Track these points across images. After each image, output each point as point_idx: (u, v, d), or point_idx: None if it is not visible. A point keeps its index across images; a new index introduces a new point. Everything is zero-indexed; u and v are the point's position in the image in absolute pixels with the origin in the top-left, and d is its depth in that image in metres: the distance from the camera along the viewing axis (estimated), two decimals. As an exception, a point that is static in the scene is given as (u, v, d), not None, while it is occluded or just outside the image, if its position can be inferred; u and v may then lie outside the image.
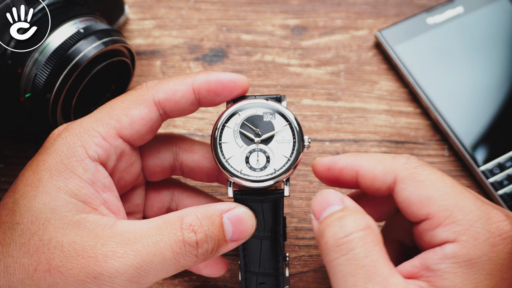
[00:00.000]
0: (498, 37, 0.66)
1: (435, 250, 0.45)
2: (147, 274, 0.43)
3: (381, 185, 0.48)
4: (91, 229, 0.44)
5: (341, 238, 0.43)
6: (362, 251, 0.42)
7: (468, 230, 0.44)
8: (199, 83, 0.49)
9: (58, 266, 0.43)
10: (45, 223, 0.44)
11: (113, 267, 0.43)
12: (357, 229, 0.43)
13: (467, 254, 0.44)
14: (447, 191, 0.46)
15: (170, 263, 0.44)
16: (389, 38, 0.66)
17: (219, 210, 0.46)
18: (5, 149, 0.62)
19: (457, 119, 0.63)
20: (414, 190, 0.46)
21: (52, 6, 0.55)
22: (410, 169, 0.47)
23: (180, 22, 0.69)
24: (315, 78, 0.66)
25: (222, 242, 0.45)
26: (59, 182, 0.45)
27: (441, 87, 0.64)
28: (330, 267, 0.43)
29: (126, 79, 0.60)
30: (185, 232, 0.44)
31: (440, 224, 0.45)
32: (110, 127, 0.47)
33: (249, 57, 0.67)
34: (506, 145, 0.62)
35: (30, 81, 0.54)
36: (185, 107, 0.49)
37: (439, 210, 0.45)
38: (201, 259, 0.45)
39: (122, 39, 0.57)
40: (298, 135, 0.48)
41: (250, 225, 0.47)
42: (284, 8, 0.69)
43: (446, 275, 0.43)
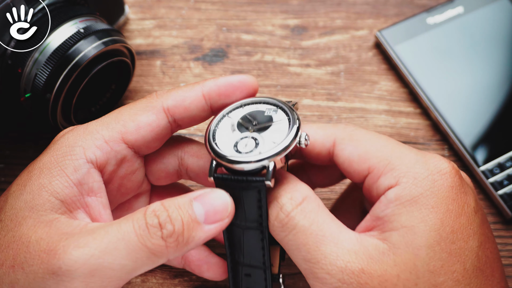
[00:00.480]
0: (498, 37, 0.66)
1: (380, 200, 0.46)
2: (112, 265, 0.41)
3: (321, 149, 0.49)
4: (61, 228, 0.43)
5: (284, 219, 0.45)
6: (306, 221, 0.44)
7: (407, 172, 0.45)
8: (209, 88, 0.49)
9: (21, 263, 0.42)
10: (21, 221, 0.44)
11: (72, 258, 0.41)
12: (295, 204, 0.45)
13: (409, 193, 0.44)
14: (383, 144, 0.47)
15: (136, 248, 0.41)
16: (389, 38, 0.66)
17: (189, 195, 0.44)
18: (5, 149, 0.62)
19: (457, 119, 0.63)
20: (352, 148, 0.47)
21: (52, 6, 0.55)
22: (347, 131, 0.48)
23: (180, 22, 0.69)
24: (315, 78, 0.66)
25: (192, 224, 0.43)
26: (44, 180, 0.45)
27: (441, 87, 0.64)
28: (283, 244, 0.45)
29: (126, 79, 0.60)
30: (148, 216, 0.43)
31: (381, 174, 0.46)
32: (115, 131, 0.47)
33: (249, 57, 0.67)
34: (506, 145, 0.62)
35: (30, 81, 0.54)
36: (195, 113, 0.49)
37: (378, 161, 0.46)
38: (172, 244, 0.43)
39: (122, 39, 0.57)
40: (294, 126, 0.46)
41: (225, 205, 0.45)
42: (284, 8, 0.69)
43: (393, 217, 0.44)
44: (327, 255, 0.43)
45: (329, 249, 0.43)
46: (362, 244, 0.44)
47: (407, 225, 0.44)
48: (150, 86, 0.66)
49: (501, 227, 0.60)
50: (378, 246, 0.44)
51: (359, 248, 0.43)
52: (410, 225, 0.44)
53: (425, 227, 0.44)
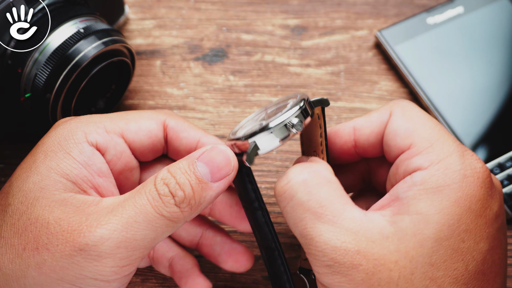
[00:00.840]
0: (498, 37, 0.66)
1: (405, 180, 0.45)
2: (135, 236, 0.43)
3: (380, 127, 0.48)
4: (77, 206, 0.44)
5: (283, 186, 0.45)
6: (304, 194, 0.44)
7: (442, 160, 0.44)
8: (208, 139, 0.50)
9: (45, 244, 0.43)
10: (33, 202, 0.44)
11: (98, 235, 0.42)
12: (298, 174, 0.45)
13: (436, 181, 0.44)
14: (432, 126, 0.46)
15: (154, 218, 0.43)
16: (389, 38, 0.66)
17: (191, 157, 0.45)
18: (5, 149, 0.62)
19: (457, 119, 0.63)
20: (402, 122, 0.47)
21: (52, 6, 0.55)
22: (402, 105, 0.48)
23: (180, 22, 0.69)
24: (315, 78, 0.66)
25: (200, 185, 0.44)
26: (52, 163, 0.45)
27: (441, 87, 0.64)
28: (284, 216, 0.45)
29: (126, 79, 0.60)
30: (158, 186, 0.44)
31: (419, 153, 0.45)
32: (116, 125, 0.48)
33: (249, 57, 0.67)
34: (506, 145, 0.62)
35: (30, 81, 0.54)
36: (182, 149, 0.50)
37: (421, 141, 0.45)
38: (186, 208, 0.44)
39: (122, 39, 0.57)
40: (289, 113, 0.46)
41: (227, 160, 0.45)
42: (284, 8, 0.69)
43: (411, 201, 0.43)
44: (322, 232, 0.43)
45: (326, 227, 0.43)
46: (365, 225, 0.43)
47: (422, 212, 0.43)
48: (150, 86, 0.66)
49: (501, 227, 0.60)
50: (383, 229, 0.43)
51: (360, 229, 0.43)
52: (425, 213, 0.43)
53: (439, 219, 0.43)
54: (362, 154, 0.51)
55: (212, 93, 0.65)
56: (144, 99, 0.65)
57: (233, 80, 0.66)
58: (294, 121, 0.46)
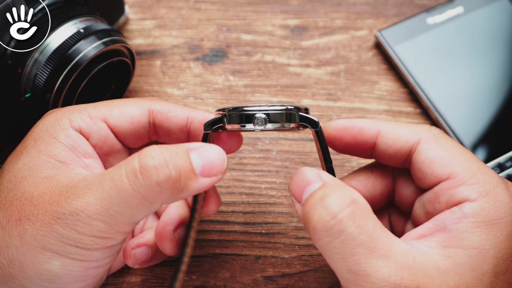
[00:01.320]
0: (498, 37, 0.66)
1: (452, 210, 0.44)
2: (109, 211, 0.42)
3: (403, 145, 0.48)
4: (61, 181, 0.45)
5: (329, 221, 0.41)
6: (354, 228, 0.41)
7: (490, 192, 0.44)
8: (195, 117, 0.50)
9: (27, 215, 0.44)
10: (21, 180, 0.45)
11: (73, 206, 0.42)
12: (343, 207, 0.42)
13: (488, 215, 0.43)
14: (469, 156, 0.46)
15: (129, 195, 0.42)
16: (389, 38, 0.66)
17: (186, 146, 0.44)
18: (5, 149, 0.62)
19: (457, 119, 0.63)
20: (438, 150, 0.46)
21: (52, 6, 0.55)
22: (434, 133, 0.48)
23: (180, 22, 0.69)
24: (315, 78, 0.66)
25: (189, 174, 0.43)
26: (41, 146, 0.47)
27: (441, 87, 0.64)
28: (324, 251, 0.42)
29: (126, 79, 0.60)
30: (142, 158, 0.42)
31: (463, 183, 0.45)
32: (100, 111, 0.50)
33: (249, 57, 0.67)
34: (506, 145, 0.62)
35: (30, 81, 0.54)
36: (172, 128, 0.51)
37: (463, 170, 0.45)
38: (167, 190, 0.42)
39: (122, 39, 0.57)
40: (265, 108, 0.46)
41: (221, 161, 0.45)
42: (284, 8, 0.69)
43: (464, 234, 0.42)
44: (379, 268, 0.41)
45: (381, 262, 0.41)
46: (418, 259, 0.42)
47: (478, 247, 0.42)
48: (150, 86, 0.66)
49: (501, 227, 0.60)
50: (439, 264, 0.42)
51: (414, 263, 0.41)
52: (481, 247, 0.42)
53: (495, 254, 0.42)
54: (376, 157, 0.50)
55: (212, 93, 0.65)
56: (144, 99, 0.65)
57: (233, 80, 0.66)
58: (259, 115, 0.46)
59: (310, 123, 0.47)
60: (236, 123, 0.46)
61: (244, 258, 0.58)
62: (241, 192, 0.61)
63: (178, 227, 0.51)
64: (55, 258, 0.43)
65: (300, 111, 0.47)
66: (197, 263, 0.57)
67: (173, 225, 0.51)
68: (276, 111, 0.46)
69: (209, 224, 0.59)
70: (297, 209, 0.45)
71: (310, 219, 0.42)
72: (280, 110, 0.46)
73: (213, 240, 0.59)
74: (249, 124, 0.46)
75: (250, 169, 0.62)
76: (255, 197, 0.60)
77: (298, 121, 0.47)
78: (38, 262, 0.44)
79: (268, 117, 0.46)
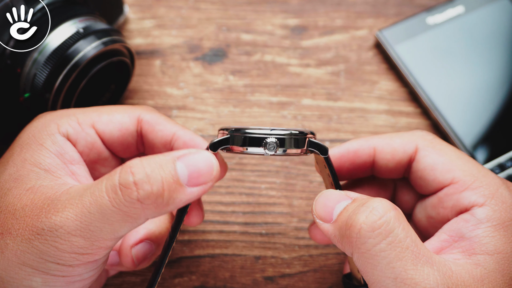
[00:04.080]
0: (498, 37, 0.66)
1: (464, 218, 0.44)
2: (89, 227, 0.41)
3: (402, 157, 0.47)
4: (44, 192, 0.43)
5: (376, 221, 0.40)
6: (401, 231, 0.40)
7: (495, 194, 0.44)
8: (181, 137, 0.49)
9: (9, 229, 0.43)
10: (6, 192, 0.44)
11: (52, 221, 0.41)
12: (389, 209, 0.40)
13: (500, 217, 0.43)
14: (467, 159, 0.46)
15: (109, 212, 0.40)
16: (389, 38, 0.66)
17: (171, 154, 0.42)
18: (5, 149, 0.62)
19: (458, 119, 0.63)
20: (437, 156, 0.46)
21: (51, 5, 0.55)
22: (429, 139, 0.47)
23: (179, 22, 0.69)
24: (315, 78, 0.66)
25: (174, 186, 0.41)
26: (26, 154, 0.46)
27: (441, 87, 0.64)
28: (369, 257, 0.40)
29: (125, 79, 0.60)
30: (122, 174, 0.40)
31: (467, 188, 0.45)
32: (88, 117, 0.49)
33: (249, 57, 0.67)
34: (506, 145, 0.62)
35: (29, 81, 0.54)
36: (157, 142, 0.49)
37: (465, 175, 0.45)
38: (150, 206, 0.40)
39: (122, 39, 0.57)
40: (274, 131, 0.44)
41: (209, 167, 0.42)
42: (284, 7, 0.69)
43: (485, 239, 0.42)
44: (428, 276, 0.39)
45: (427, 270, 0.40)
46: (453, 268, 0.41)
47: (502, 251, 0.42)
48: (149, 86, 0.65)
49: (501, 227, 0.60)
50: (472, 272, 0.41)
51: (452, 272, 0.41)
52: (505, 251, 0.42)
53: None
54: (377, 174, 0.50)
55: (212, 93, 0.65)
56: (144, 99, 0.65)
57: (233, 80, 0.66)
58: (270, 140, 0.44)
59: (319, 149, 0.46)
60: (244, 145, 0.44)
61: (244, 258, 0.58)
62: (241, 192, 0.61)
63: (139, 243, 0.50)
64: (35, 274, 0.42)
65: (307, 135, 0.45)
66: (197, 263, 0.57)
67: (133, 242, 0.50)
68: (286, 135, 0.44)
69: (209, 224, 0.59)
70: (326, 229, 0.43)
71: (355, 223, 0.40)
72: (289, 135, 0.44)
73: (213, 240, 0.58)
74: (259, 148, 0.44)
75: (250, 169, 0.61)
76: (255, 197, 0.60)
77: (307, 147, 0.45)
78: (18, 278, 0.42)
79: (279, 141, 0.44)
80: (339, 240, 0.42)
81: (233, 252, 0.58)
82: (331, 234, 0.43)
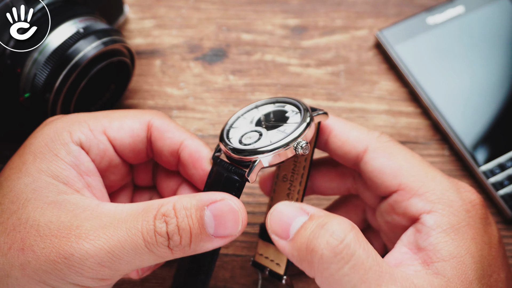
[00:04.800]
0: (498, 37, 0.66)
1: (416, 228, 0.44)
2: (120, 260, 0.42)
3: (351, 150, 0.48)
4: (70, 210, 0.43)
5: (338, 246, 0.40)
6: (362, 252, 0.40)
7: (442, 198, 0.44)
8: (190, 145, 0.49)
9: (31, 245, 0.43)
10: (25, 203, 0.44)
11: (83, 249, 0.42)
12: (348, 231, 0.40)
13: (449, 221, 0.43)
14: (417, 163, 0.46)
15: (143, 252, 0.42)
16: (389, 38, 0.66)
17: (203, 200, 0.43)
18: (5, 149, 0.62)
19: (458, 119, 0.63)
20: (386, 160, 0.46)
21: (51, 5, 0.55)
22: (382, 142, 0.48)
23: (180, 22, 0.69)
24: (315, 78, 0.66)
25: (201, 236, 0.43)
26: (41, 165, 0.45)
27: (441, 87, 0.64)
28: (333, 282, 0.40)
29: (125, 79, 0.60)
30: (157, 222, 0.42)
31: (414, 194, 0.45)
32: (100, 123, 0.48)
33: (249, 57, 0.67)
34: (506, 145, 0.62)
35: (29, 81, 0.54)
36: (165, 149, 0.49)
37: (412, 180, 0.45)
38: (178, 252, 0.43)
39: (122, 39, 0.57)
40: (296, 133, 0.46)
41: (236, 219, 0.43)
42: (284, 8, 0.69)
43: (439, 246, 0.43)
44: None
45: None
46: (415, 281, 0.41)
47: (456, 255, 0.42)
48: (149, 85, 0.65)
49: (502, 227, 0.60)
50: (433, 282, 0.41)
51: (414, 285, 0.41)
52: (459, 255, 0.42)
53: (471, 259, 0.43)
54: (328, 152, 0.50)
55: (212, 93, 0.65)
56: (144, 99, 0.65)
57: (233, 79, 0.66)
58: (303, 144, 0.45)
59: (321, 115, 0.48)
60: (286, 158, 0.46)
61: (244, 258, 0.58)
62: (241, 192, 0.61)
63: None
64: None
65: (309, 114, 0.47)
66: (197, 263, 0.57)
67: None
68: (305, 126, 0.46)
69: (209, 224, 0.59)
70: (283, 246, 0.43)
71: (315, 248, 0.40)
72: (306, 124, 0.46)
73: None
74: None
75: (250, 169, 0.61)
76: (255, 197, 0.60)
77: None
78: None
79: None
80: (297, 261, 0.42)
81: (234, 253, 0.58)
82: (289, 252, 0.42)
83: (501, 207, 0.60)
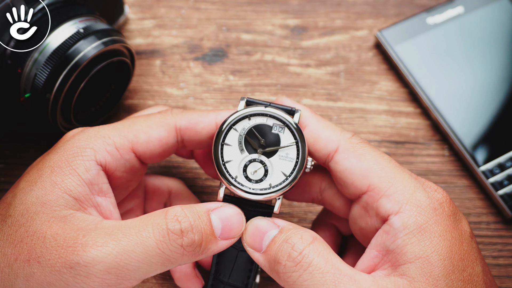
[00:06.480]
0: (498, 37, 0.66)
1: (385, 230, 0.45)
2: (128, 266, 0.42)
3: (322, 149, 0.49)
4: (76, 224, 0.44)
5: (297, 256, 0.43)
6: (320, 259, 0.43)
7: (410, 199, 0.45)
8: (222, 117, 0.49)
9: (37, 257, 0.43)
10: (33, 216, 0.44)
11: (91, 256, 0.42)
12: (307, 243, 0.44)
13: (416, 222, 0.44)
14: (386, 164, 0.47)
15: (153, 254, 0.42)
16: (389, 38, 0.66)
17: (206, 207, 0.45)
18: (5, 149, 0.62)
19: (457, 119, 0.63)
20: (355, 161, 0.47)
21: (52, 6, 0.55)
22: (353, 143, 0.48)
23: (180, 22, 0.69)
24: (315, 78, 0.66)
25: (210, 237, 0.44)
26: (57, 178, 0.45)
27: (441, 87, 0.64)
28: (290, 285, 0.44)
29: (126, 79, 0.60)
30: (170, 221, 0.43)
31: (383, 195, 0.46)
32: (126, 139, 0.48)
33: (249, 57, 0.67)
34: (506, 145, 0.62)
35: (29, 81, 0.54)
36: (204, 139, 0.50)
37: (380, 181, 0.46)
38: (188, 253, 0.44)
39: (122, 39, 0.57)
40: (302, 156, 0.47)
41: (240, 224, 0.46)
42: (284, 8, 0.69)
43: (405, 248, 0.44)
44: None
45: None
46: (380, 283, 0.43)
47: (421, 256, 0.43)
48: (149, 85, 0.65)
49: (502, 227, 0.60)
50: (398, 283, 0.43)
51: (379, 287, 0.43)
52: (425, 255, 0.43)
53: (438, 257, 0.43)
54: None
55: (212, 93, 0.65)
56: (144, 99, 0.65)
57: (233, 79, 0.66)
58: (310, 162, 0.48)
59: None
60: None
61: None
62: (241, 192, 0.61)
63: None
64: None
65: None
66: (196, 263, 0.57)
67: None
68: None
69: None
70: (257, 258, 0.46)
71: (280, 260, 0.44)
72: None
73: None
74: None
75: (250, 169, 0.61)
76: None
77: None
78: None
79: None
80: (269, 271, 0.46)
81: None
82: (262, 264, 0.46)
83: (500, 207, 0.60)
